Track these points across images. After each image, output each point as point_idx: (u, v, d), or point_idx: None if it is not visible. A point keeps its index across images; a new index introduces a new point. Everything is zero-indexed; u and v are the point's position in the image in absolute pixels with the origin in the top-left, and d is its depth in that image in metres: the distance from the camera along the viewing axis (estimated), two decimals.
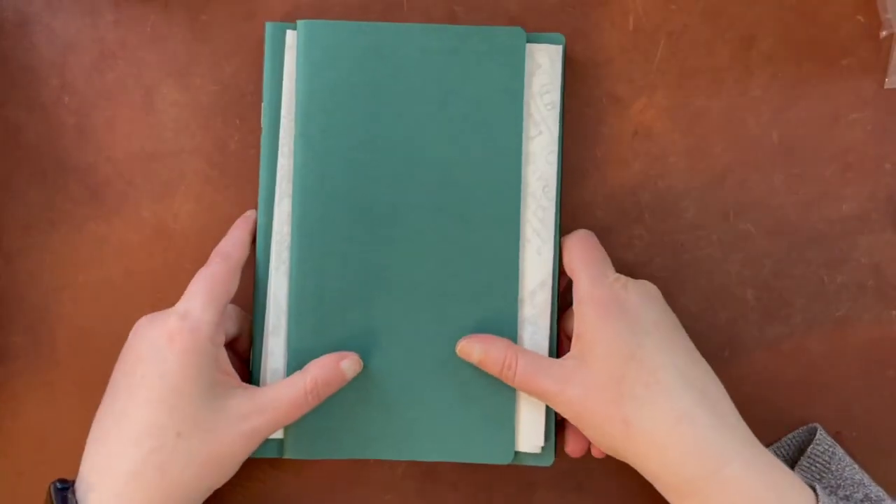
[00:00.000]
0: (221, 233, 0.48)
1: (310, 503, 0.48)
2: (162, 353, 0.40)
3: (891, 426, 0.47)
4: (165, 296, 0.47)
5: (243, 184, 0.48)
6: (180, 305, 0.42)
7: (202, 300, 0.41)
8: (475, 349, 0.43)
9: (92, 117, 0.48)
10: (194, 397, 0.40)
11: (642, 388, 0.39)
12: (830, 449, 0.44)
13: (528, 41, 0.45)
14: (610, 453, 0.41)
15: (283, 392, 0.42)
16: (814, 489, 0.38)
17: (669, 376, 0.39)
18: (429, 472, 0.48)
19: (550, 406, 0.42)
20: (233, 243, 0.44)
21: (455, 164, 0.45)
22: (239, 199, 0.48)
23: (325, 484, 0.48)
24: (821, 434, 0.45)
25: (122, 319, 0.48)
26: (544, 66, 0.46)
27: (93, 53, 0.48)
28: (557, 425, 0.45)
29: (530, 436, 0.45)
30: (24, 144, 0.49)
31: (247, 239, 0.45)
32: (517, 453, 0.45)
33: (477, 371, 0.44)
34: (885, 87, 0.47)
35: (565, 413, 0.41)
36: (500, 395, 0.44)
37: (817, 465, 0.43)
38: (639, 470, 0.40)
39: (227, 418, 0.40)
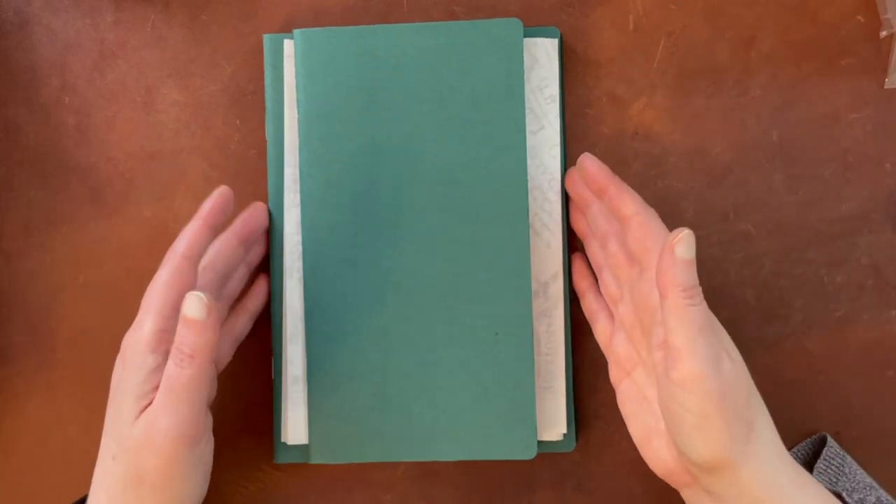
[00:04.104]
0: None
1: (310, 503, 0.48)
2: (116, 368, 0.40)
3: (891, 426, 0.47)
4: None
5: (243, 184, 0.48)
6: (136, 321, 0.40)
7: (142, 313, 0.39)
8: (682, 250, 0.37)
9: (92, 117, 0.48)
10: (125, 415, 0.38)
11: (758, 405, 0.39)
12: (841, 454, 0.44)
13: (524, 36, 0.45)
14: (714, 463, 0.37)
15: (166, 381, 0.38)
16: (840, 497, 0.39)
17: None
18: (429, 472, 0.48)
19: (685, 390, 0.36)
20: (181, 239, 0.40)
21: (459, 162, 0.45)
22: (239, 199, 0.48)
23: (324, 484, 0.48)
24: (831, 440, 0.45)
25: (122, 319, 0.48)
26: (541, 60, 0.46)
27: (93, 54, 0.48)
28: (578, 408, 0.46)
29: (552, 424, 0.45)
30: (25, 144, 0.49)
31: (204, 234, 0.40)
32: (539, 442, 0.45)
33: (495, 368, 0.44)
34: (885, 87, 0.47)
35: (706, 397, 0.36)
36: (519, 390, 0.44)
37: (833, 468, 0.44)
38: (720, 492, 0.38)
39: (145, 434, 0.37)
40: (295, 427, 0.46)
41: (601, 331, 0.45)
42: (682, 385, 0.36)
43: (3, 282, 0.48)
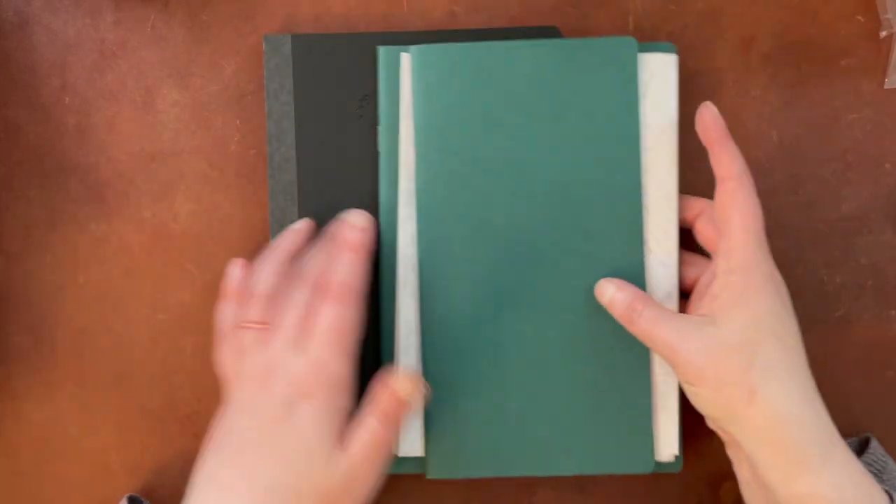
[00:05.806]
0: (222, 233, 0.48)
1: None
2: (294, 406, 0.39)
3: (891, 426, 0.47)
4: (165, 296, 0.48)
5: (243, 184, 0.48)
6: (309, 349, 0.40)
7: (335, 350, 0.40)
8: (608, 289, 0.43)
9: (92, 117, 0.48)
10: (319, 458, 0.39)
11: (777, 363, 0.38)
12: (883, 458, 0.44)
13: (639, 52, 0.45)
14: (716, 418, 0.40)
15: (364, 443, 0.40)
16: (890, 495, 0.39)
17: (803, 360, 0.39)
18: None
19: (667, 362, 0.40)
20: (356, 275, 0.42)
21: (574, 179, 0.45)
22: (239, 199, 0.48)
23: None
24: (874, 442, 0.45)
25: (122, 319, 0.48)
26: (658, 75, 0.45)
27: (93, 54, 0.48)
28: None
29: (665, 445, 0.45)
30: (25, 144, 0.49)
31: (367, 268, 0.43)
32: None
33: (611, 381, 0.44)
34: (885, 87, 0.47)
35: (684, 369, 0.39)
36: (635, 404, 0.45)
37: (873, 469, 0.43)
38: (741, 442, 0.39)
39: (339, 481, 0.39)
40: (408, 439, 0.45)
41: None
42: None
43: (3, 282, 0.48)
